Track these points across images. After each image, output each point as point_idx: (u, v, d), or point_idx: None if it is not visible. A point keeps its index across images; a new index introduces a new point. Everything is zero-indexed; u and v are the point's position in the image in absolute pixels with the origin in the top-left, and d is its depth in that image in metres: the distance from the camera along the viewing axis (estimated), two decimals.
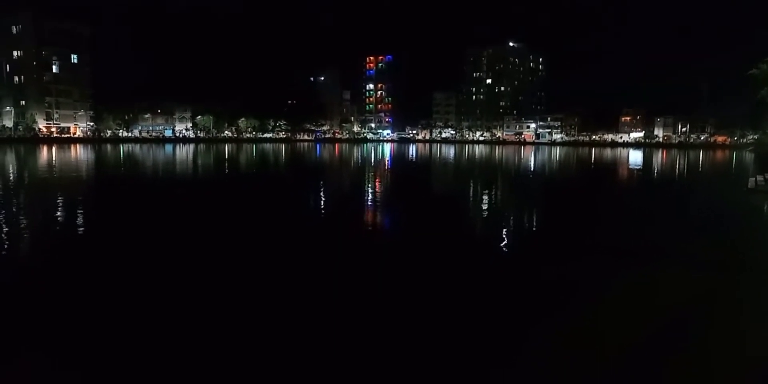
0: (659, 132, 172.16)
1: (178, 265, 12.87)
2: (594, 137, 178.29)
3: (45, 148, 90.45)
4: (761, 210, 25.42)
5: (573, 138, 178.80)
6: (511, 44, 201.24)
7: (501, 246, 16.14)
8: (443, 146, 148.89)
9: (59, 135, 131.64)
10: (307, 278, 11.83)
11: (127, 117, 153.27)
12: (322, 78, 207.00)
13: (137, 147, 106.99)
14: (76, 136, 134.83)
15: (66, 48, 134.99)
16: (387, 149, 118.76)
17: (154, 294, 10.63)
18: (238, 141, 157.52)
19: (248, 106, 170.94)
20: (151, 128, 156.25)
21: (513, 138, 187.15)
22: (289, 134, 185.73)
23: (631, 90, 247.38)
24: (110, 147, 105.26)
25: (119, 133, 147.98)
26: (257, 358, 7.73)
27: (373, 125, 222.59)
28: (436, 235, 17.14)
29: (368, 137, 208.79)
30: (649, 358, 7.79)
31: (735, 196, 29.42)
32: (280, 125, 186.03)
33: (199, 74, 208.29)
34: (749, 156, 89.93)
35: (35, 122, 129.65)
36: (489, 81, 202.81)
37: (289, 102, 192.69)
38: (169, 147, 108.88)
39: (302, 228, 18.43)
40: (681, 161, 77.87)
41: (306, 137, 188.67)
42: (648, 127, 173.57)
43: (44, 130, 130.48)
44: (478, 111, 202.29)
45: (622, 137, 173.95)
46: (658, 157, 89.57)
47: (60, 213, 22.03)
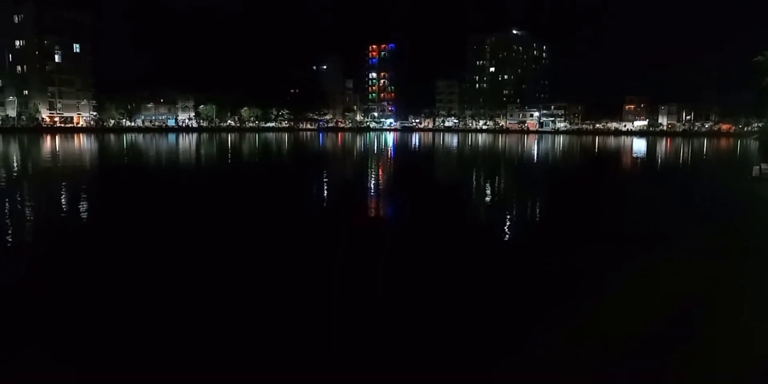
0: (663, 120, 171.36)
1: (184, 253, 13.01)
2: (598, 126, 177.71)
3: (48, 138, 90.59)
4: (766, 198, 25.44)
5: (576, 126, 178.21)
6: (515, 32, 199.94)
7: (505, 234, 16.24)
8: (446, 135, 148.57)
9: (62, 125, 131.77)
10: (315, 265, 11.96)
11: (130, 106, 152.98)
12: (325, 67, 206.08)
13: (140, 136, 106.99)
14: (80, 126, 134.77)
15: (68, 37, 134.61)
16: (390, 138, 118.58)
17: (158, 282, 10.78)
18: (241, 130, 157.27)
19: (251, 95, 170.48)
20: (154, 118, 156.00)
21: (516, 126, 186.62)
22: (292, 123, 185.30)
23: (636, 78, 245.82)
24: (113, 137, 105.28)
25: (122, 123, 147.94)
26: (258, 349, 7.86)
27: (376, 114, 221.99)
28: (440, 224, 17.25)
29: (371, 126, 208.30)
30: (655, 346, 7.89)
31: (739, 185, 29.44)
32: (283, 114, 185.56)
33: (202, 63, 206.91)
34: (754, 144, 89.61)
35: (38, 112, 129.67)
36: (492, 69, 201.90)
37: (292, 91, 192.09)
38: (172, 136, 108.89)
39: (307, 216, 18.55)
40: (685, 149, 77.69)
41: (309, 126, 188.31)
42: (652, 116, 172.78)
43: (47, 120, 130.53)
44: (481, 99, 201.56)
45: (626, 125, 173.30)
46: (662, 146, 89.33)
47: (68, 202, 22.18)
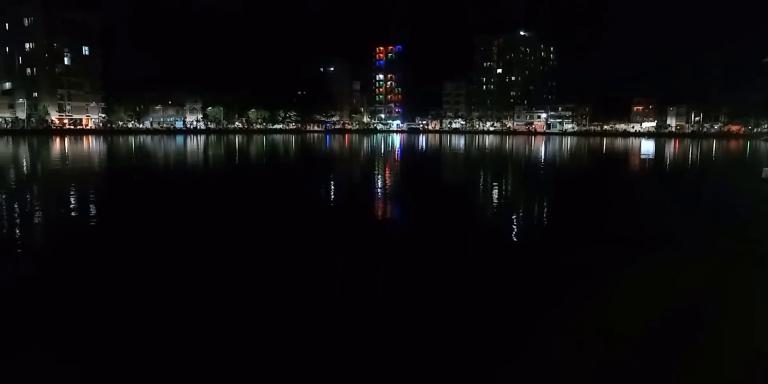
0: (672, 121, 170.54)
1: (192, 250, 13.10)
2: (605, 127, 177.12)
3: (58, 140, 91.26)
4: None
5: (584, 128, 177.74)
6: (522, 33, 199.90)
7: (512, 234, 16.22)
8: (453, 137, 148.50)
9: (71, 127, 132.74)
10: (324, 263, 12.02)
11: (138, 108, 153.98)
12: (332, 68, 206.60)
13: (149, 138, 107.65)
14: (89, 128, 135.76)
15: (77, 40, 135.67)
16: (397, 140, 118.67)
17: (166, 278, 10.86)
18: (249, 132, 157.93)
19: (258, 97, 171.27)
20: (162, 120, 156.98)
21: (523, 128, 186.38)
22: (299, 125, 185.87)
23: (644, 79, 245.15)
24: (122, 138, 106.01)
25: (130, 125, 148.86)
26: (258, 349, 7.91)
27: (383, 116, 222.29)
28: (447, 224, 17.27)
29: (378, 128, 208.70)
30: (663, 344, 7.88)
31: (749, 186, 29.28)
32: (290, 116, 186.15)
33: (209, 65, 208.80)
34: (764, 145, 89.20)
35: (48, 114, 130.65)
36: (499, 71, 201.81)
37: (299, 93, 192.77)
38: (180, 138, 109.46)
39: (316, 217, 18.61)
40: (694, 151, 77.29)
41: (316, 128, 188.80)
42: (660, 117, 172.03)
43: (57, 122, 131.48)
44: (489, 101, 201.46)
45: (634, 127, 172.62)
46: (671, 147, 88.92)
47: (84, 203, 22.36)
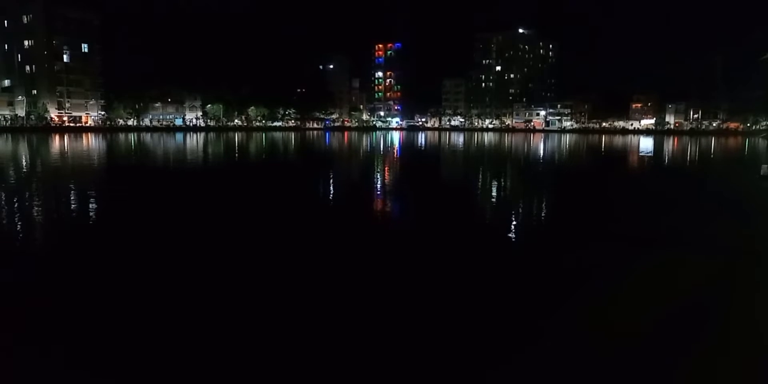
0: (671, 118, 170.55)
1: (192, 249, 13.24)
2: (604, 124, 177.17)
3: (58, 138, 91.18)
4: None
5: (583, 125, 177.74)
6: (521, 31, 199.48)
7: (513, 232, 16.36)
8: (453, 134, 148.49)
9: (71, 124, 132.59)
10: (325, 260, 12.16)
11: (138, 106, 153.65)
12: (331, 66, 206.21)
13: (148, 136, 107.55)
14: (88, 125, 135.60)
15: (77, 37, 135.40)
16: (396, 137, 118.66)
17: (166, 277, 11.01)
18: (248, 129, 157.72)
19: (258, 95, 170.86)
20: (162, 117, 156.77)
21: (522, 125, 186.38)
22: (299, 122, 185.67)
23: (643, 77, 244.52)
24: (122, 136, 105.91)
25: (129, 122, 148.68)
26: (257, 349, 8.06)
27: (382, 113, 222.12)
28: (447, 221, 17.41)
29: (377, 125, 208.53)
30: (664, 344, 8.04)
31: (748, 183, 29.42)
32: (290, 114, 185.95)
33: (209, 62, 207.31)
34: (762, 143, 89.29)
35: (47, 111, 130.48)
36: (498, 68, 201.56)
37: (299, 90, 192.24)
38: (180, 136, 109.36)
39: (317, 214, 18.75)
40: (693, 148, 77.41)
41: (315, 125, 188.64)
42: (659, 114, 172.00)
43: (56, 120, 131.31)
44: (488, 98, 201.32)
45: (633, 124, 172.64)
46: (670, 144, 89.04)
47: (81, 200, 22.47)
